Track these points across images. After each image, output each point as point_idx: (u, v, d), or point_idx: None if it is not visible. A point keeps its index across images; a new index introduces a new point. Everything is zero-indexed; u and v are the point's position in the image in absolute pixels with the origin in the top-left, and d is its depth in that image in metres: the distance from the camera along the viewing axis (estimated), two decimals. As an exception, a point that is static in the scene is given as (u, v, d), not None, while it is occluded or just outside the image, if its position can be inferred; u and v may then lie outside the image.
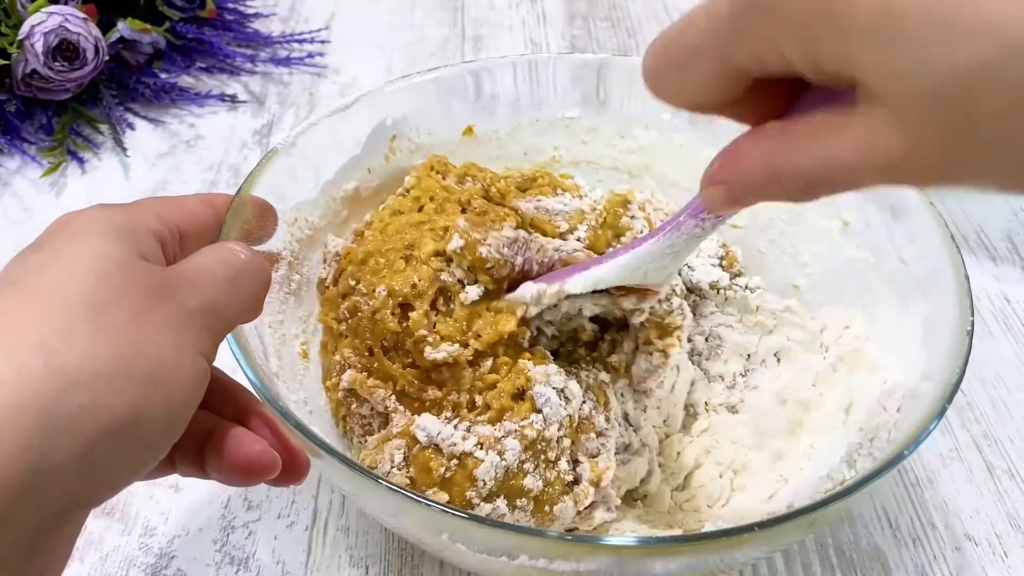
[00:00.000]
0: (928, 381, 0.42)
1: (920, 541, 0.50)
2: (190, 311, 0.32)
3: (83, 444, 0.28)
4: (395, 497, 0.36)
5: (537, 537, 0.36)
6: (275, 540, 0.49)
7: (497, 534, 0.36)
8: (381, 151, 0.55)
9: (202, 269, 0.34)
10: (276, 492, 0.51)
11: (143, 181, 0.73)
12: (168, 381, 0.31)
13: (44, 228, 0.34)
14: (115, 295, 0.30)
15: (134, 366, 0.29)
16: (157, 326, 0.31)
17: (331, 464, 0.37)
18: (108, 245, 0.32)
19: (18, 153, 0.74)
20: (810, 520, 0.36)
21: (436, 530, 0.37)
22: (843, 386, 0.49)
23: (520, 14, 0.95)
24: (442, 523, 0.36)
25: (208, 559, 0.48)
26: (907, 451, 0.37)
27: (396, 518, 0.40)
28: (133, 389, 0.29)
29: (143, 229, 0.34)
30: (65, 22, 0.73)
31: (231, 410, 0.38)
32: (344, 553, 0.49)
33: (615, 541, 0.36)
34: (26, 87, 0.74)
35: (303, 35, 0.88)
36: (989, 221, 0.69)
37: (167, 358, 0.31)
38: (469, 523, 0.36)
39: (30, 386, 0.27)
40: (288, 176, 0.50)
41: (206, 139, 0.77)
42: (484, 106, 0.58)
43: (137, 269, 0.32)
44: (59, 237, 0.33)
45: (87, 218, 0.34)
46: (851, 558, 0.49)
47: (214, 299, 0.34)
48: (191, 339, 0.32)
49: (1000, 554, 0.49)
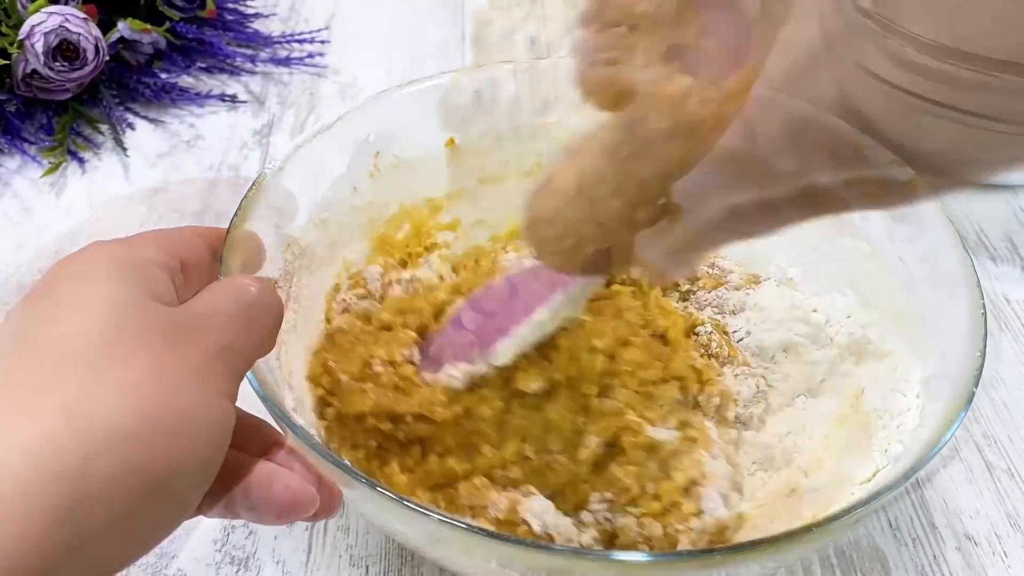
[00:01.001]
0: (947, 362, 0.42)
1: (920, 541, 0.50)
2: (210, 353, 0.31)
3: (117, 510, 0.27)
4: (438, 526, 0.34)
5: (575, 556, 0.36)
6: (275, 540, 0.49)
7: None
8: (365, 168, 0.54)
9: (217, 307, 0.33)
10: (276, 492, 0.51)
11: (143, 181, 0.73)
12: (198, 432, 0.29)
13: (44, 226, 0.34)
14: (132, 345, 0.29)
15: (162, 422, 0.28)
16: (180, 375, 0.29)
17: (366, 495, 0.36)
18: (116, 287, 0.30)
19: (18, 153, 0.74)
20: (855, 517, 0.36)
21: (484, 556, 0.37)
22: (854, 375, 0.50)
23: (520, 14, 0.95)
24: (491, 549, 0.35)
25: (208, 559, 0.48)
26: (945, 436, 0.37)
27: (435, 548, 0.40)
28: (164, 446, 0.28)
29: (149, 264, 0.33)
30: (65, 22, 0.73)
31: (256, 445, 0.37)
32: (344, 553, 0.49)
33: (625, 556, 0.36)
34: (26, 87, 0.74)
35: (303, 35, 0.88)
36: (989, 221, 0.69)
37: (194, 408, 0.29)
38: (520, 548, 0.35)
39: (56, 453, 0.26)
40: (277, 203, 0.48)
41: (206, 139, 0.77)
42: (464, 116, 0.57)
43: (150, 312, 0.30)
44: (63, 281, 0.31)
45: (88, 258, 0.32)
46: (851, 558, 0.49)
47: (232, 338, 0.32)
48: (214, 383, 0.31)
49: (1000, 554, 0.49)
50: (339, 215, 0.53)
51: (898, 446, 0.42)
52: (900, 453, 0.42)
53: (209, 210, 0.70)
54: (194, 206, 0.70)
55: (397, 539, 0.47)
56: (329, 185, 0.52)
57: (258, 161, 0.75)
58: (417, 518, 0.34)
